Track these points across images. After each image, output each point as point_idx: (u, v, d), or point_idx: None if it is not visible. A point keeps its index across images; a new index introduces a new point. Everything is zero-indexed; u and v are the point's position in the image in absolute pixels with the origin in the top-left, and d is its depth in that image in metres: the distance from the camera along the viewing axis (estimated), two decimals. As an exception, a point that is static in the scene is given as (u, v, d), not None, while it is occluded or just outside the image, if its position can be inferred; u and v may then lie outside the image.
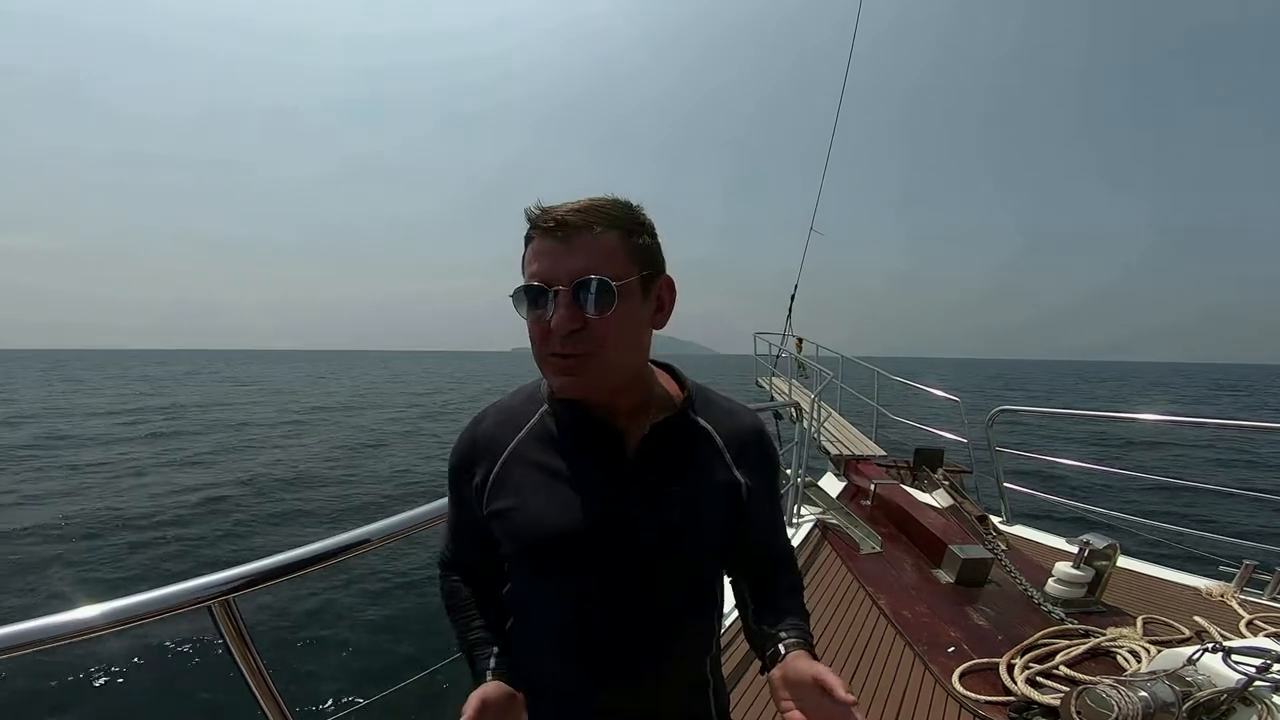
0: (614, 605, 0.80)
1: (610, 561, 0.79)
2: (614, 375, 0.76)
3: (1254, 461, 14.70)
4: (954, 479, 4.32)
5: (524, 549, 0.81)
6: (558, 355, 0.73)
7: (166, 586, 1.07)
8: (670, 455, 0.82)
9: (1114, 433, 17.93)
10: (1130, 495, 8.82)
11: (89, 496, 10.25)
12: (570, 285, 0.70)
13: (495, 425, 0.85)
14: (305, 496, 10.57)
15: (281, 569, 1.17)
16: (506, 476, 0.81)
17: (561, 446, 0.82)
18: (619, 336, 0.73)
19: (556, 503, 0.79)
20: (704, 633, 0.91)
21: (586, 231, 0.71)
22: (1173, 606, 2.62)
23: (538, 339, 0.74)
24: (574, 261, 0.70)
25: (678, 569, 0.83)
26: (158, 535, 8.07)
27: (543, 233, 0.72)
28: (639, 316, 0.76)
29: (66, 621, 0.96)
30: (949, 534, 3.19)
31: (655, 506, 0.80)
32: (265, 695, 1.17)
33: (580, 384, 0.74)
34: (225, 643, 1.13)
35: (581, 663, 0.82)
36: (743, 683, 2.04)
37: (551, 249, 0.71)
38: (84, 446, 15.82)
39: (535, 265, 0.72)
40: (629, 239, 0.74)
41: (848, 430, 6.16)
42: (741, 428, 0.90)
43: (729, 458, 0.86)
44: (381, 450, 16.02)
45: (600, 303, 0.70)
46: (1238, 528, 3.20)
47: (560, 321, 0.70)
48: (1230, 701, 1.46)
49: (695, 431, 0.86)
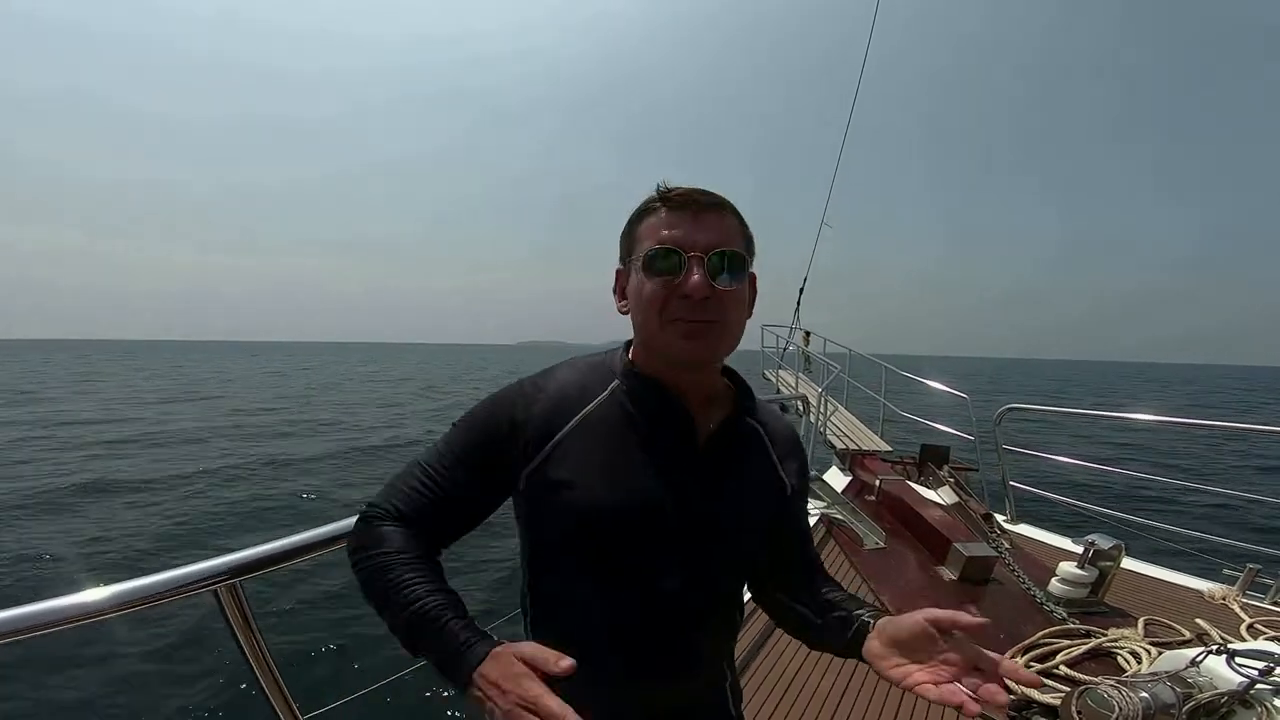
0: (655, 599, 0.79)
1: (661, 549, 0.78)
2: (728, 348, 0.79)
3: (1263, 465, 14.54)
4: (960, 476, 4.30)
5: (575, 525, 0.78)
6: (684, 320, 0.74)
7: (172, 569, 1.07)
8: (730, 451, 0.84)
9: (1121, 432, 17.81)
10: (1136, 496, 8.76)
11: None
12: (707, 253, 0.73)
13: (558, 395, 0.81)
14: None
15: (287, 553, 1.17)
16: (568, 449, 0.78)
17: (633, 425, 0.80)
18: (739, 311, 0.77)
19: (620, 483, 0.77)
20: (731, 628, 0.92)
21: (717, 211, 0.75)
22: (1174, 608, 2.61)
23: (659, 304, 0.75)
24: (710, 234, 0.73)
25: (726, 564, 0.84)
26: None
27: (674, 206, 0.75)
28: (748, 299, 0.80)
29: (73, 604, 0.95)
30: (953, 531, 3.18)
31: (716, 501, 0.81)
32: (269, 680, 1.17)
33: (707, 348, 0.76)
34: (230, 626, 1.12)
35: (615, 654, 0.80)
36: (747, 672, 2.07)
37: (685, 220, 0.74)
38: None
39: (668, 232, 0.74)
40: (743, 227, 0.78)
41: (854, 425, 6.14)
42: (786, 432, 0.92)
43: (775, 459, 0.89)
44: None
45: (733, 272, 0.74)
46: (1242, 531, 3.17)
47: (698, 284, 0.72)
48: (1231, 704, 1.45)
49: (751, 431, 0.88)
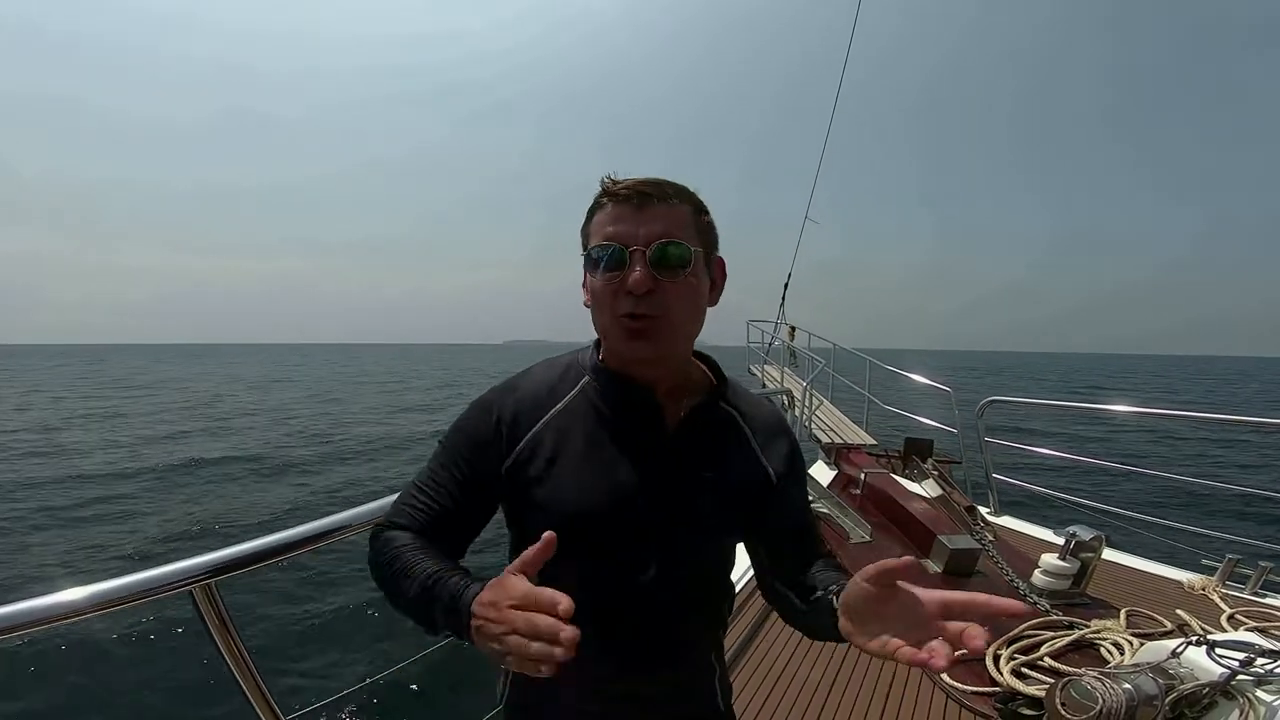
0: (635, 590, 0.79)
1: (638, 542, 0.78)
2: (678, 342, 0.78)
3: (1243, 457, 14.87)
4: (943, 469, 4.34)
5: (551, 522, 0.74)
6: (628, 316, 0.73)
7: (148, 570, 1.05)
8: (704, 439, 0.83)
9: (1101, 424, 18.12)
10: (1117, 487, 8.92)
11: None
12: (648, 247, 0.71)
13: (530, 394, 0.83)
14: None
15: (263, 553, 1.15)
16: (541, 447, 0.79)
17: (603, 421, 0.81)
18: (687, 302, 0.76)
19: (593, 478, 0.78)
20: (716, 619, 0.92)
21: (663, 201, 0.73)
22: (1156, 599, 2.65)
23: (608, 302, 0.74)
24: (652, 226, 0.72)
25: (702, 554, 0.84)
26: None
27: (619, 200, 0.73)
28: (701, 288, 0.78)
29: (50, 604, 0.94)
30: (938, 524, 3.21)
31: (689, 489, 0.80)
32: (247, 679, 1.15)
33: (650, 347, 0.75)
34: (206, 627, 1.11)
35: (597, 650, 0.77)
36: (738, 665, 2.07)
37: (629, 214, 0.73)
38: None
39: (611, 228, 0.73)
40: (696, 215, 0.77)
41: (839, 419, 6.17)
42: (769, 419, 0.91)
43: (756, 447, 0.87)
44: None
45: (676, 265, 0.72)
46: (1221, 522, 3.23)
47: (639, 280, 0.71)
48: (1213, 695, 1.47)
49: (726, 418, 0.87)
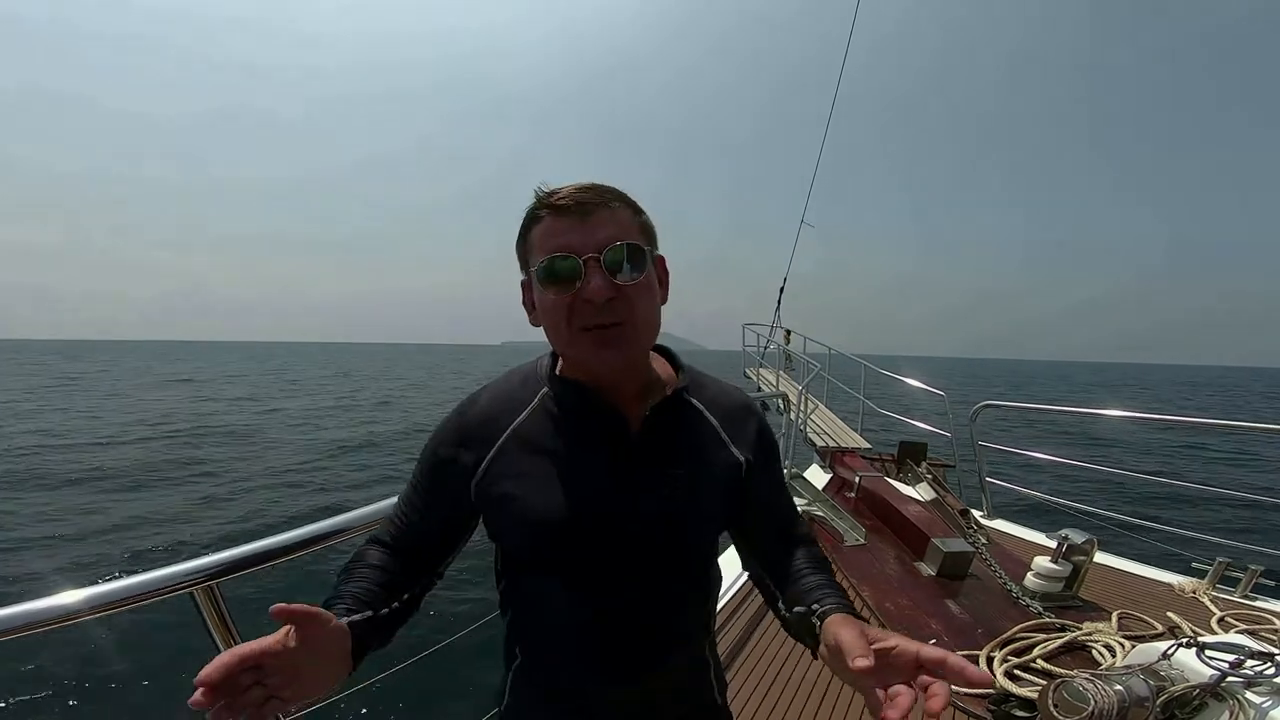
0: (621, 593, 0.79)
1: (616, 548, 0.78)
2: (642, 345, 0.77)
3: (1232, 460, 15.01)
4: (937, 473, 4.37)
5: (526, 537, 0.79)
6: (592, 328, 0.72)
7: (149, 571, 1.05)
8: (671, 437, 0.82)
9: (1093, 429, 18.25)
10: (1108, 491, 8.98)
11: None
12: (600, 253, 0.70)
13: (490, 409, 0.82)
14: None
15: (264, 555, 1.16)
16: (505, 462, 0.79)
17: (564, 430, 0.80)
18: (648, 302, 0.75)
19: (560, 489, 0.77)
20: (705, 614, 0.91)
21: (604, 207, 0.72)
22: (1147, 602, 2.68)
23: (564, 316, 0.72)
24: (600, 232, 0.71)
25: (683, 552, 0.83)
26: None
27: (559, 211, 0.71)
28: (655, 288, 0.78)
29: (48, 607, 0.94)
30: (932, 527, 3.23)
31: (660, 490, 0.79)
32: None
33: (619, 355, 0.74)
34: (207, 629, 1.11)
35: (589, 653, 0.81)
36: (735, 662, 2.09)
37: (572, 225, 0.71)
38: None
39: (558, 239, 0.71)
40: (636, 216, 0.76)
41: (834, 423, 6.21)
42: (734, 406, 0.90)
43: (725, 436, 0.86)
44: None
45: (634, 267, 0.71)
46: (1211, 526, 3.26)
47: (599, 288, 0.69)
48: (1203, 696, 1.49)
49: (691, 412, 0.86)
